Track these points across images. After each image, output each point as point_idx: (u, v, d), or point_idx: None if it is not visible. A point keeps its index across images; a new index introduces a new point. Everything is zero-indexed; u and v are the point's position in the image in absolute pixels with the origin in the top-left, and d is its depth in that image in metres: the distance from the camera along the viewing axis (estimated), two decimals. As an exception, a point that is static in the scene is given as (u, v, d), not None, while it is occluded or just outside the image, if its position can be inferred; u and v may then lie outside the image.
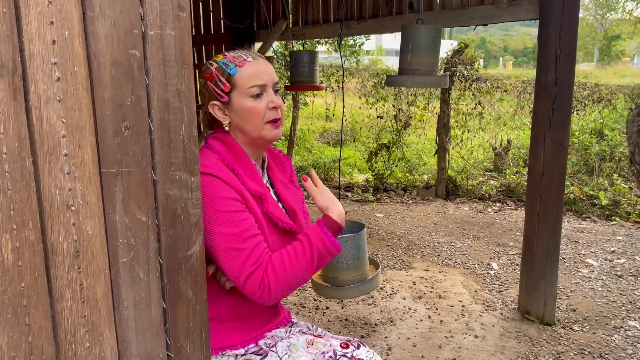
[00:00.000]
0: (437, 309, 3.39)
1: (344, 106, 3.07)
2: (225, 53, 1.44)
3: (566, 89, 3.00)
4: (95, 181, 0.99)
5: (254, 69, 1.39)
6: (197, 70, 5.26)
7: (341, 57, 3.20)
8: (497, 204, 6.33)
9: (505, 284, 3.88)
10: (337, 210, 1.38)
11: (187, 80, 1.12)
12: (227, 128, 1.45)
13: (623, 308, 3.46)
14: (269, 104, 1.38)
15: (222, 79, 1.40)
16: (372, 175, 7.17)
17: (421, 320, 3.23)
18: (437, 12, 3.61)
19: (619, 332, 3.14)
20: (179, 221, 1.14)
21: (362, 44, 9.77)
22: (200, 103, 1.55)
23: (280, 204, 1.50)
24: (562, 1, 2.90)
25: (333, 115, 9.02)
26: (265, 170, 1.51)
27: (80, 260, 0.98)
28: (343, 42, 9.95)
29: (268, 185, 1.50)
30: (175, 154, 1.11)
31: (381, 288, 3.68)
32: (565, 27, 2.93)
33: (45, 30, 0.91)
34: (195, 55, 5.19)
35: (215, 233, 1.27)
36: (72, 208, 0.96)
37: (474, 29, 3.59)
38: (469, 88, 6.91)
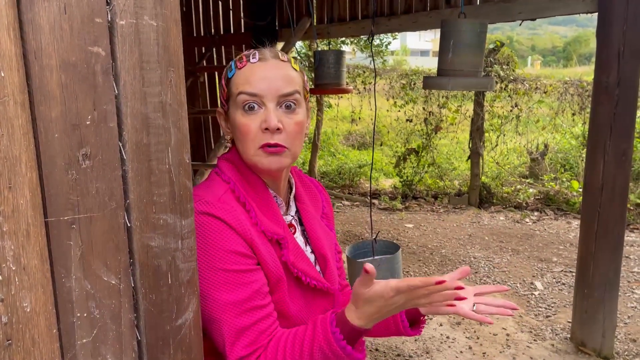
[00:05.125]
0: (478, 338, 3.03)
1: (375, 110, 2.75)
2: (246, 51, 1.10)
3: (631, 91, 2.63)
4: (37, 235, 0.69)
5: (251, 72, 1.02)
6: (217, 74, 5.02)
7: (372, 57, 2.88)
8: (535, 214, 5.91)
9: (552, 307, 3.50)
10: (363, 316, 0.93)
11: (176, 88, 0.82)
12: (228, 144, 1.13)
13: (691, 339, 3.06)
14: (262, 123, 1.00)
15: (223, 82, 1.09)
16: (400, 181, 6.82)
17: (461, 352, 2.88)
18: (478, 7, 3.26)
19: (690, 369, 2.75)
20: (164, 281, 0.84)
21: (389, 43, 9.41)
22: None
23: (309, 247, 1.16)
24: (627, -9, 2.53)
25: (359, 118, 8.68)
26: (293, 201, 1.17)
27: (14, 351, 0.68)
28: (368, 42, 9.59)
29: (295, 221, 1.16)
30: (159, 190, 0.81)
31: (415, 312, 3.34)
32: (631, 20, 2.55)
33: (-46, 17, 0.61)
34: (215, 57, 4.92)
35: (207, 297, 0.96)
36: None
37: (520, 24, 3.23)
38: (505, 89, 6.49)
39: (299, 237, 1.14)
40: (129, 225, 0.78)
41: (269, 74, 1.02)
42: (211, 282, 0.95)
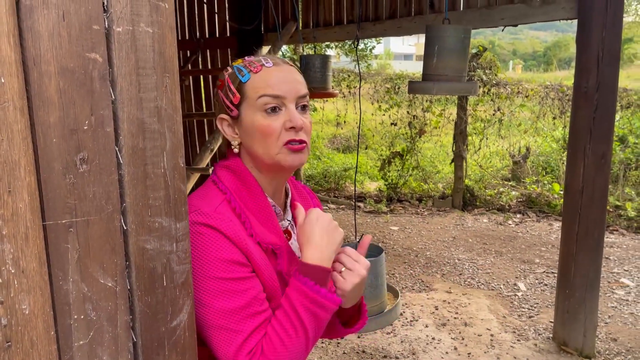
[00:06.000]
0: (463, 339, 3.08)
1: (360, 113, 2.78)
2: (246, 57, 1.13)
3: (609, 96, 2.70)
4: (35, 238, 0.70)
5: (270, 75, 1.06)
6: (202, 78, 5.02)
7: (357, 61, 2.92)
8: (518, 216, 6.00)
9: (535, 307, 3.56)
10: (314, 248, 1.01)
11: (171, 93, 0.83)
12: (235, 150, 1.13)
13: (669, 337, 3.13)
14: (285, 122, 1.04)
15: (233, 87, 1.09)
16: (385, 184, 6.87)
17: (447, 353, 2.92)
18: (461, 12, 3.31)
19: (668, 367, 2.82)
20: (159, 283, 0.85)
21: (373, 47, 9.49)
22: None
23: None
24: (605, -2, 2.60)
25: (344, 122, 8.72)
26: (288, 207, 1.19)
27: (13, 353, 0.69)
28: (353, 46, 9.65)
29: (291, 227, 1.18)
30: (154, 194, 0.82)
31: (401, 314, 3.37)
32: (609, 26, 2.63)
33: (-45, 25, 0.62)
34: (200, 60, 4.92)
35: (207, 306, 0.98)
36: (-1, 280, 0.67)
37: (502, 30, 3.30)
38: (487, 93, 6.58)
39: (294, 243, 1.17)
40: (125, 228, 0.79)
41: (287, 77, 1.07)
42: (209, 291, 0.97)
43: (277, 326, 0.98)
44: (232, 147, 1.13)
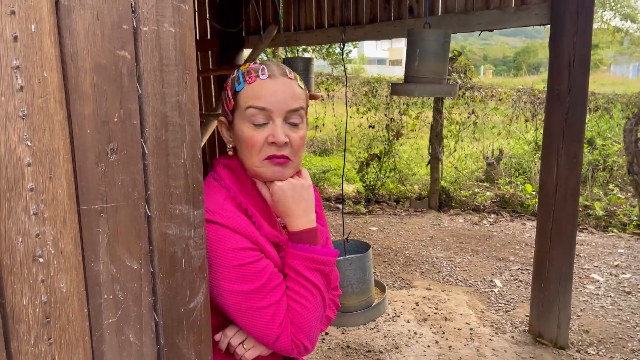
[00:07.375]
0: (444, 333, 3.18)
1: (347, 115, 2.86)
2: (254, 63, 1.14)
3: (580, 98, 2.83)
4: (71, 222, 0.75)
5: (261, 88, 1.07)
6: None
7: (344, 64, 3.00)
8: (492, 216, 6.17)
9: (511, 302, 3.69)
10: (296, 217, 1.08)
11: (190, 89, 0.89)
12: (230, 153, 1.18)
13: (638, 328, 3.29)
14: (268, 137, 1.06)
15: (230, 94, 1.13)
16: (363, 186, 6.97)
17: (428, 346, 3.01)
18: (439, 17, 3.43)
19: (637, 355, 2.96)
20: (179, 267, 0.91)
21: (350, 51, 9.62)
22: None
23: None
24: (576, 5, 2.74)
25: (323, 124, 8.81)
26: None
27: (52, 328, 0.74)
28: (330, 50, 9.77)
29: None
30: (175, 183, 0.88)
31: (383, 310, 3.45)
32: (580, 32, 2.76)
33: (3, 23, 0.67)
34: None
35: (228, 292, 1.04)
36: (41, 260, 0.72)
37: (479, 35, 3.42)
38: (462, 97, 6.76)
39: None
40: (149, 214, 0.85)
41: (278, 90, 1.07)
42: (229, 278, 1.03)
43: (293, 295, 1.06)
44: (228, 150, 1.18)
